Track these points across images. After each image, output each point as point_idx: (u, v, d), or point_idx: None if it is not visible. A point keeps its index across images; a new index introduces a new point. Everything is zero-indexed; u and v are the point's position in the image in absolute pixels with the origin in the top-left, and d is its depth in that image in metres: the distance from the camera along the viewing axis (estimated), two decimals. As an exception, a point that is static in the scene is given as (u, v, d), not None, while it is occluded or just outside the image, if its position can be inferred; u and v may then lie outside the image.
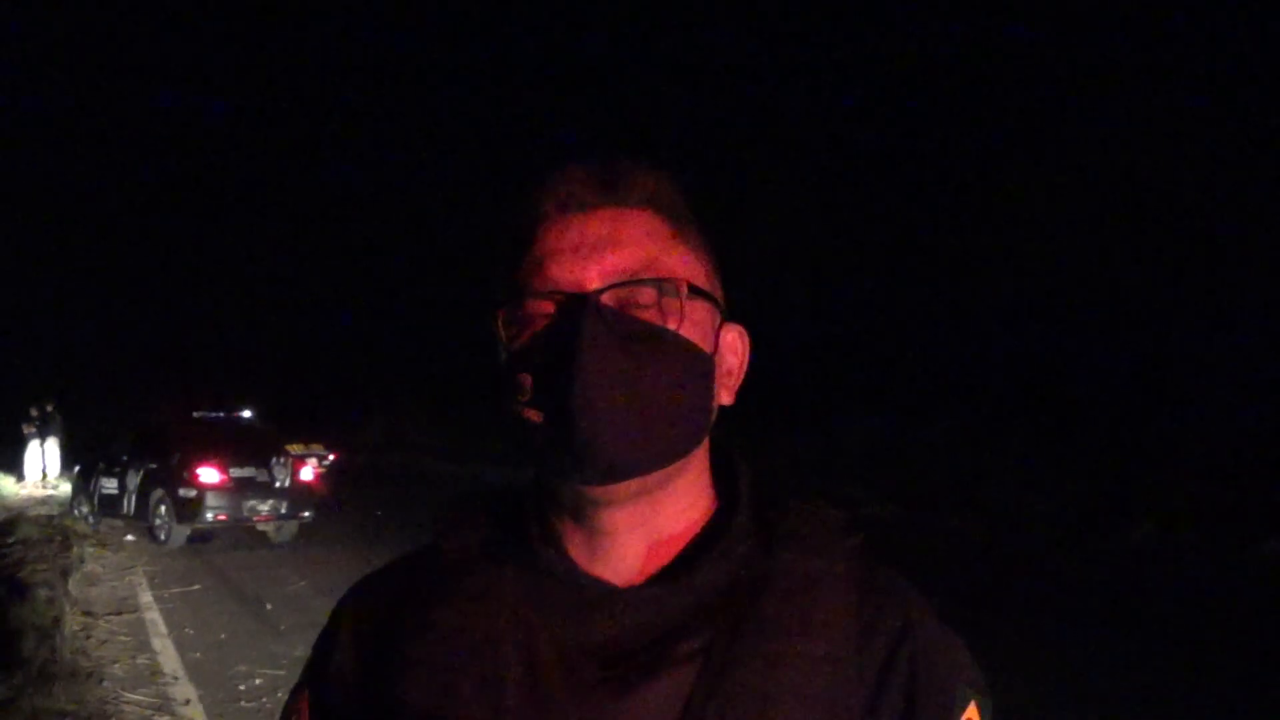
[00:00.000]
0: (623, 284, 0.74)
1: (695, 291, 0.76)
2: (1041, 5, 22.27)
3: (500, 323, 0.77)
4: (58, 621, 6.92)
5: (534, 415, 0.73)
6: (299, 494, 12.24)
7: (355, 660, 0.82)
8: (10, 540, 10.61)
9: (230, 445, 12.28)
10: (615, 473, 0.73)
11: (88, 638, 7.00)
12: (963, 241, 20.13)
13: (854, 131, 24.70)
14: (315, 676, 0.86)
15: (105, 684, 5.90)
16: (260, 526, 12.10)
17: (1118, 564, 11.38)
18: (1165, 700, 5.91)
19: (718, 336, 0.79)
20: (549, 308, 0.74)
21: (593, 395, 0.70)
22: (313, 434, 18.78)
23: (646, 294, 0.74)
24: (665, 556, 0.78)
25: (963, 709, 0.75)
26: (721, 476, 0.83)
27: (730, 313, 0.83)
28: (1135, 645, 7.23)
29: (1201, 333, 15.89)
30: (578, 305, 0.72)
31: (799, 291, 18.72)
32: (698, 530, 0.79)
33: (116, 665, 6.39)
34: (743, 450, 0.85)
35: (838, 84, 25.16)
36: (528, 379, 0.73)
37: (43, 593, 7.79)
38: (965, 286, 19.43)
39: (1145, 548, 12.32)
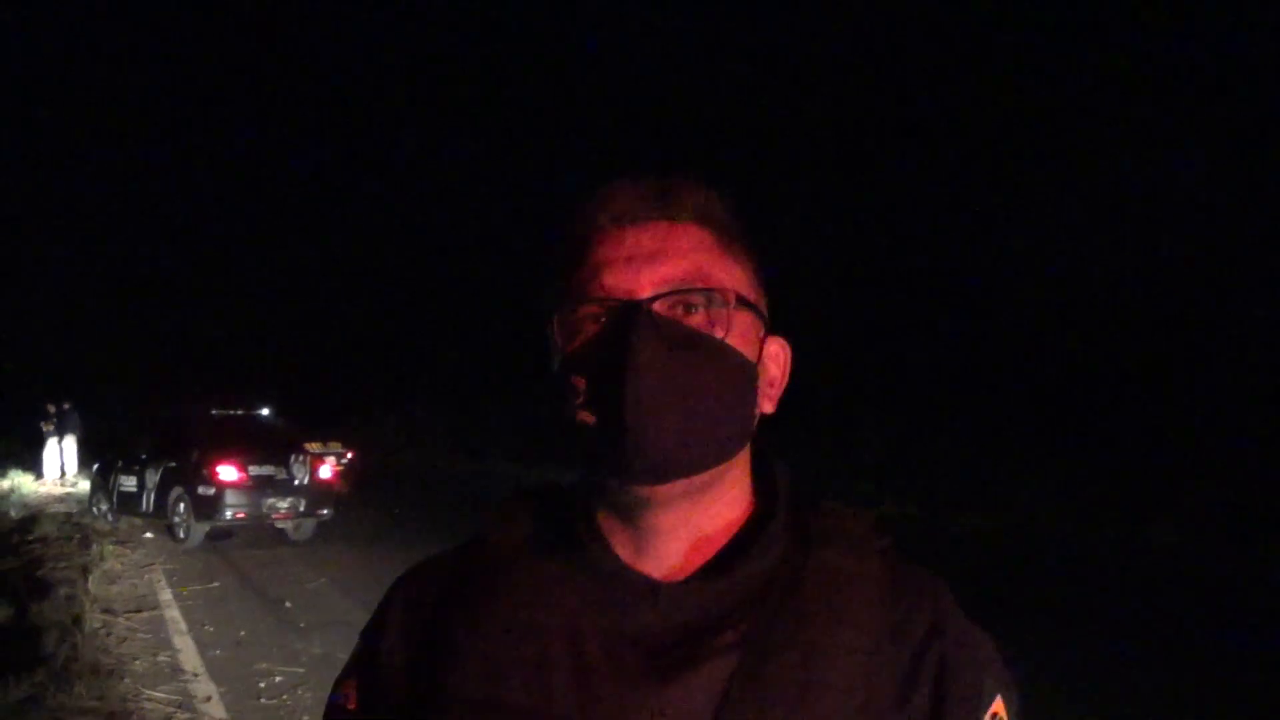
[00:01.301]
0: (673, 293, 0.77)
1: (741, 302, 0.80)
2: (1044, 9, 22.21)
3: (555, 329, 0.80)
4: (78, 619, 6.98)
5: (587, 417, 0.76)
6: (318, 492, 12.27)
7: (404, 649, 0.85)
8: (30, 538, 10.71)
9: (249, 443, 12.33)
10: (663, 473, 0.76)
11: (108, 635, 7.06)
12: (980, 244, 20.08)
13: (866, 135, 24.66)
14: (364, 664, 0.88)
15: (126, 681, 5.95)
16: (279, 524, 12.14)
17: (1137, 564, 11.35)
18: (1185, 701, 5.91)
19: (761, 347, 0.83)
20: (602, 314, 0.77)
21: (643, 398, 0.73)
22: (330, 432, 18.85)
23: (695, 303, 0.78)
24: (707, 554, 0.81)
25: (990, 703, 0.78)
26: (761, 479, 0.86)
27: (773, 325, 0.86)
28: (1155, 645, 7.22)
29: (1222, 332, 15.81)
30: (630, 312, 0.75)
31: (817, 294, 18.69)
32: (738, 529, 0.82)
33: (137, 662, 6.45)
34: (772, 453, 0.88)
35: (851, 86, 25.10)
36: (581, 382, 0.77)
37: (63, 590, 7.86)
38: (983, 288, 19.38)
39: (1165, 547, 12.28)
